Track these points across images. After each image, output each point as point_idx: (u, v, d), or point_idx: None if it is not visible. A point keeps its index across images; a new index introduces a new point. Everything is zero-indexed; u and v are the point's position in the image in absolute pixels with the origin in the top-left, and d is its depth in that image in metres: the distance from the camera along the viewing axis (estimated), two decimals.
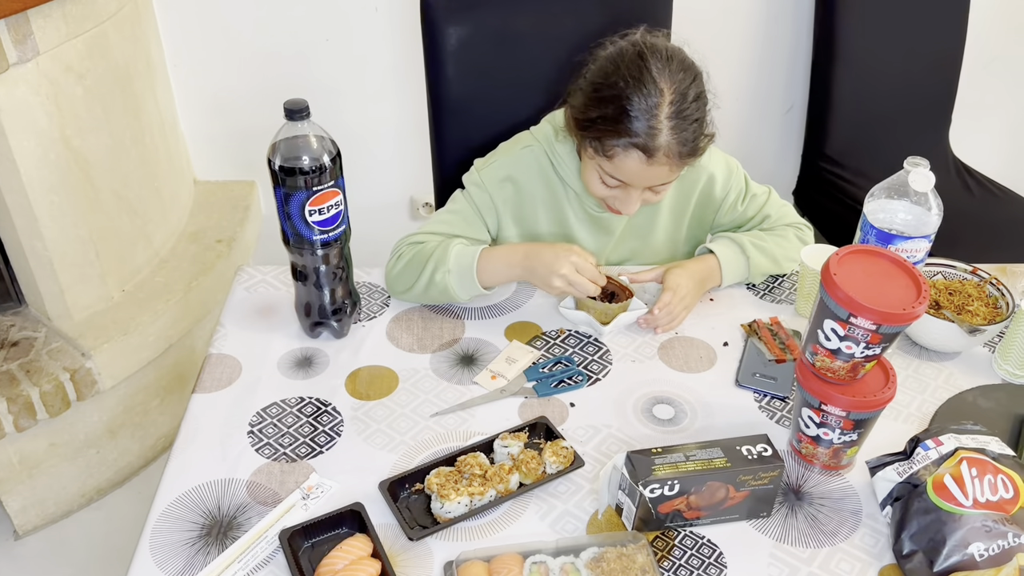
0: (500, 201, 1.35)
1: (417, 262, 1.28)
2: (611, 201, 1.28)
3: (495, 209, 1.36)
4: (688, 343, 1.27)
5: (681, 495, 0.96)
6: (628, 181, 1.22)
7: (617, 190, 1.25)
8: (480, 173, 1.36)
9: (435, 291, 1.27)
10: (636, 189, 1.24)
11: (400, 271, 1.30)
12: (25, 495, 1.86)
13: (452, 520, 0.99)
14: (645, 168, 1.18)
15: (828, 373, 1.00)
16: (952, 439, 1.00)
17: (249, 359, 1.22)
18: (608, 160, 1.20)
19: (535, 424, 1.11)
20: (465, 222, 1.35)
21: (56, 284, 1.81)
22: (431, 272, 1.26)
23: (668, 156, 1.17)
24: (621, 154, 1.18)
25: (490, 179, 1.35)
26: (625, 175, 1.21)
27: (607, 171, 1.23)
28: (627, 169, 1.20)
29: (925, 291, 0.94)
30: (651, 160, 1.17)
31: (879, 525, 1.01)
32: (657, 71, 1.16)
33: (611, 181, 1.24)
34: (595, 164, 1.24)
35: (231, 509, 1.01)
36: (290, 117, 1.09)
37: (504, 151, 1.38)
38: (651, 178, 1.22)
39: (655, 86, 1.15)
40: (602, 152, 1.20)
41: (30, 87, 1.60)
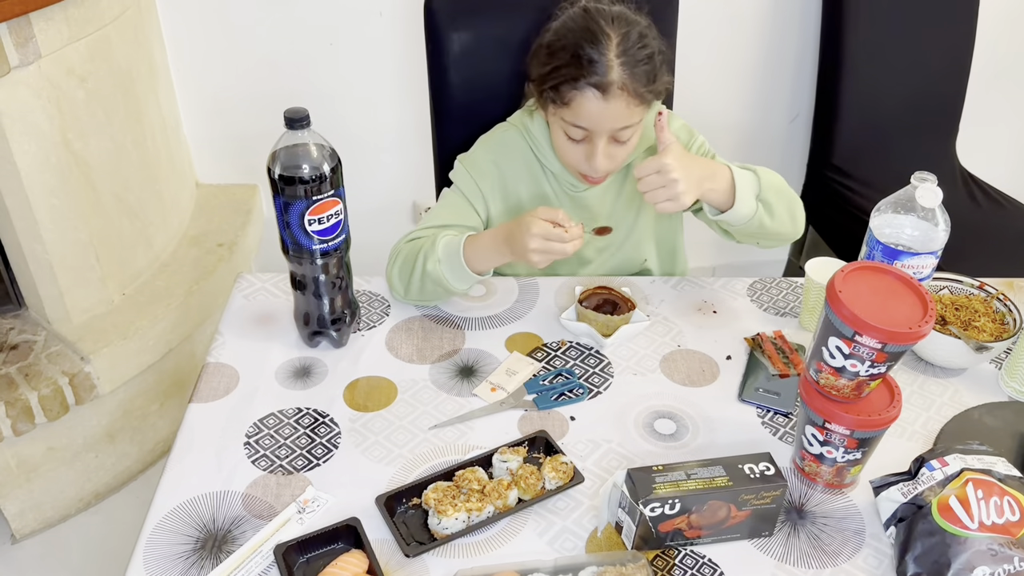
0: (485, 185, 1.39)
1: (410, 258, 1.29)
2: (581, 165, 1.31)
3: (481, 194, 1.39)
4: (690, 356, 1.25)
5: (682, 514, 0.95)
6: (589, 126, 1.25)
7: (583, 145, 1.28)
8: (463, 163, 1.41)
9: (430, 284, 1.27)
10: (600, 138, 1.26)
11: (397, 270, 1.31)
12: (23, 499, 1.85)
13: (449, 536, 0.97)
14: (603, 106, 1.22)
15: (832, 391, 0.99)
16: (958, 459, 0.98)
17: (247, 368, 1.20)
18: (567, 108, 1.25)
19: (534, 438, 1.09)
20: (456, 212, 1.38)
21: (56, 287, 1.80)
22: (423, 264, 1.26)
23: (623, 90, 1.22)
24: (578, 97, 1.23)
25: (473, 166, 1.40)
26: (585, 119, 1.24)
27: (568, 120, 1.26)
28: (586, 111, 1.24)
29: (932, 310, 0.93)
30: (606, 96, 1.22)
31: (882, 546, 1.00)
32: (604, 21, 1.24)
33: (575, 132, 1.27)
34: (558, 121, 1.29)
35: (226, 522, 1.00)
36: (290, 126, 1.07)
37: (483, 140, 1.44)
38: (610, 117, 1.24)
39: (602, 32, 1.23)
40: (560, 101, 1.25)
41: (31, 90, 1.60)
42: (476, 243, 1.26)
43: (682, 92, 2.06)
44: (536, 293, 1.36)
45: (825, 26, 2.09)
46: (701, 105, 2.27)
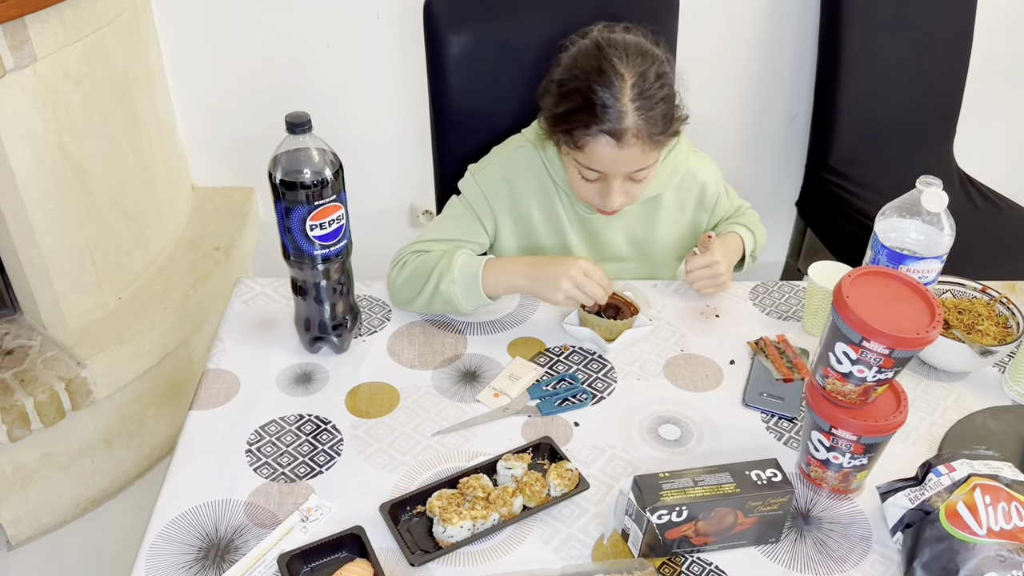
0: (495, 202, 1.37)
1: (421, 272, 1.28)
2: (595, 200, 1.30)
3: (491, 210, 1.37)
4: (694, 360, 1.25)
5: (689, 521, 0.94)
6: (603, 170, 1.24)
7: (598, 184, 1.27)
8: (475, 176, 1.38)
9: (439, 301, 1.27)
10: (615, 179, 1.25)
11: (404, 281, 1.30)
12: (18, 505, 1.83)
13: (454, 545, 0.97)
14: (617, 153, 1.21)
15: (839, 396, 0.98)
16: (965, 465, 0.98)
17: (247, 375, 1.19)
18: (581, 152, 1.23)
19: (539, 444, 1.09)
20: (463, 226, 1.37)
21: (51, 292, 1.79)
22: (436, 282, 1.26)
23: (638, 138, 1.20)
24: (591, 143, 1.21)
25: (484, 181, 1.37)
26: (599, 163, 1.23)
27: (582, 163, 1.25)
28: (600, 157, 1.22)
29: (939, 315, 0.93)
30: (621, 143, 1.20)
31: (889, 551, 1.00)
32: (616, 60, 1.19)
33: (589, 174, 1.26)
34: (571, 161, 1.27)
35: (229, 531, 0.99)
36: (291, 130, 1.06)
37: (497, 153, 1.41)
38: (625, 163, 1.23)
39: (615, 73, 1.19)
40: (574, 145, 1.23)
41: (27, 93, 1.58)
42: (496, 269, 1.26)
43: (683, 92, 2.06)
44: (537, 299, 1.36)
45: (823, 28, 2.08)
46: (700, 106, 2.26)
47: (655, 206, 1.42)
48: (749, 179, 2.41)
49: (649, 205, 1.41)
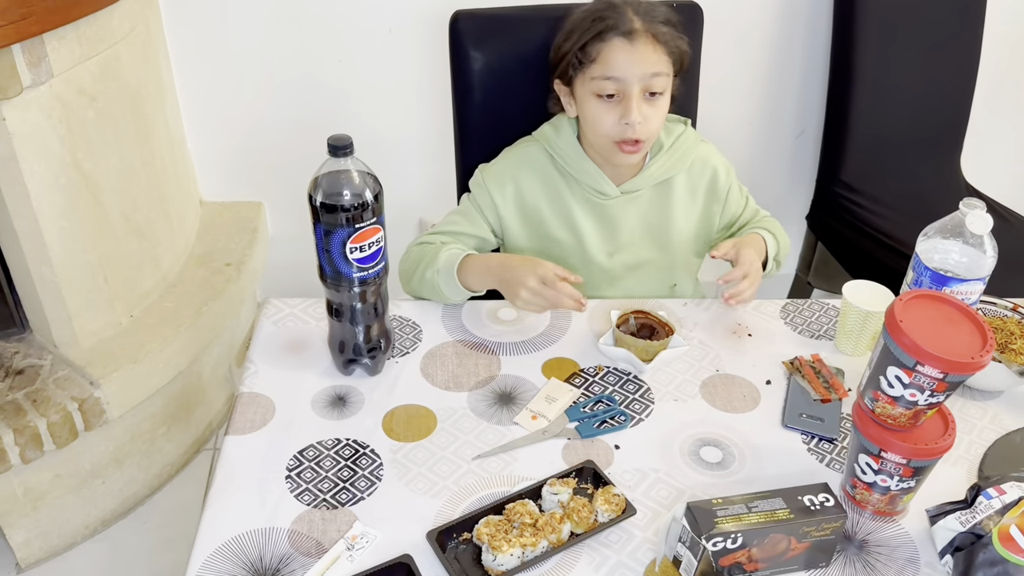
0: (501, 201, 1.43)
1: (417, 260, 1.37)
2: (616, 129, 1.33)
3: (495, 208, 1.43)
4: (730, 381, 1.24)
5: (743, 548, 0.93)
6: (620, 74, 1.30)
7: (618, 106, 1.32)
8: (483, 174, 1.45)
9: (427, 288, 1.35)
10: (633, 88, 1.30)
11: (405, 267, 1.40)
12: (28, 527, 1.81)
13: (505, 573, 0.96)
14: (630, 50, 1.30)
15: (888, 420, 0.98)
16: (1015, 488, 0.98)
17: (282, 398, 1.18)
18: (596, 64, 1.31)
19: (582, 468, 1.08)
20: (467, 220, 1.44)
21: (64, 310, 1.76)
22: (423, 270, 1.35)
23: (647, 33, 1.30)
24: (605, 48, 1.30)
25: (491, 179, 1.44)
26: (616, 68, 1.30)
27: (599, 75, 1.31)
28: (615, 60, 1.30)
29: (991, 339, 0.93)
30: (632, 41, 1.29)
31: (937, 574, 0.99)
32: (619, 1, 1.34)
33: (607, 86, 1.31)
34: (588, 85, 1.33)
35: (274, 560, 0.97)
36: (333, 153, 1.05)
37: (505, 154, 1.48)
38: (639, 62, 1.30)
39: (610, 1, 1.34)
40: (588, 60, 1.32)
41: (43, 110, 1.56)
42: (472, 264, 1.32)
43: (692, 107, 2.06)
44: (569, 317, 1.35)
45: (836, 46, 2.09)
46: (709, 119, 2.27)
47: (667, 190, 1.45)
48: (759, 193, 2.39)
49: (661, 189, 1.45)
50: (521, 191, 1.44)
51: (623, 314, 1.28)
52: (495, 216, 1.45)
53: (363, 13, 2.03)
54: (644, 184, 1.44)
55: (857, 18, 2.02)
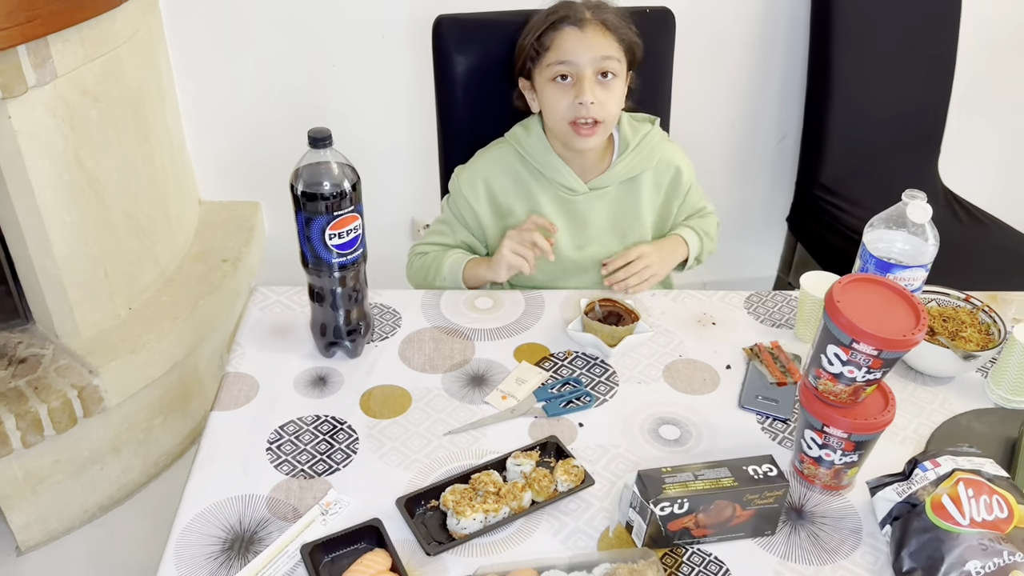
0: (475, 202, 1.53)
1: (422, 271, 1.54)
2: (572, 111, 1.41)
3: (473, 210, 1.54)
4: (692, 365, 1.31)
5: (690, 513, 1.00)
6: (572, 57, 1.40)
7: (572, 89, 1.41)
8: (458, 178, 1.55)
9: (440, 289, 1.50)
10: (585, 70, 1.40)
11: (412, 277, 1.58)
12: (28, 511, 1.87)
13: (467, 536, 1.02)
14: (580, 36, 1.41)
15: (830, 396, 1.04)
16: (949, 461, 1.04)
17: (265, 378, 1.25)
18: (550, 51, 1.42)
19: (546, 443, 1.14)
20: (451, 229, 1.57)
21: (65, 302, 1.83)
22: (432, 280, 1.52)
23: (597, 23, 1.41)
24: (557, 36, 1.41)
25: (465, 182, 1.54)
26: (568, 52, 1.40)
27: (554, 61, 1.41)
28: (567, 46, 1.40)
29: (924, 318, 0.99)
30: (582, 27, 1.41)
31: (879, 543, 1.05)
32: None
33: (561, 69, 1.41)
34: (545, 75, 1.43)
35: (252, 524, 1.04)
36: (313, 144, 1.12)
37: (478, 155, 1.57)
38: (589, 46, 1.40)
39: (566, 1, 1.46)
40: (543, 49, 1.43)
41: (47, 109, 1.64)
42: (469, 269, 1.49)
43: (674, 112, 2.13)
44: (542, 305, 1.42)
45: (813, 51, 2.16)
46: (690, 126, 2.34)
47: (635, 187, 1.53)
48: (741, 196, 2.48)
49: (629, 186, 1.53)
50: (492, 190, 1.52)
51: (591, 302, 1.34)
52: (473, 217, 1.54)
53: (355, 20, 2.11)
54: (611, 181, 1.51)
55: (834, 24, 2.09)
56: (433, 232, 1.59)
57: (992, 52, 2.37)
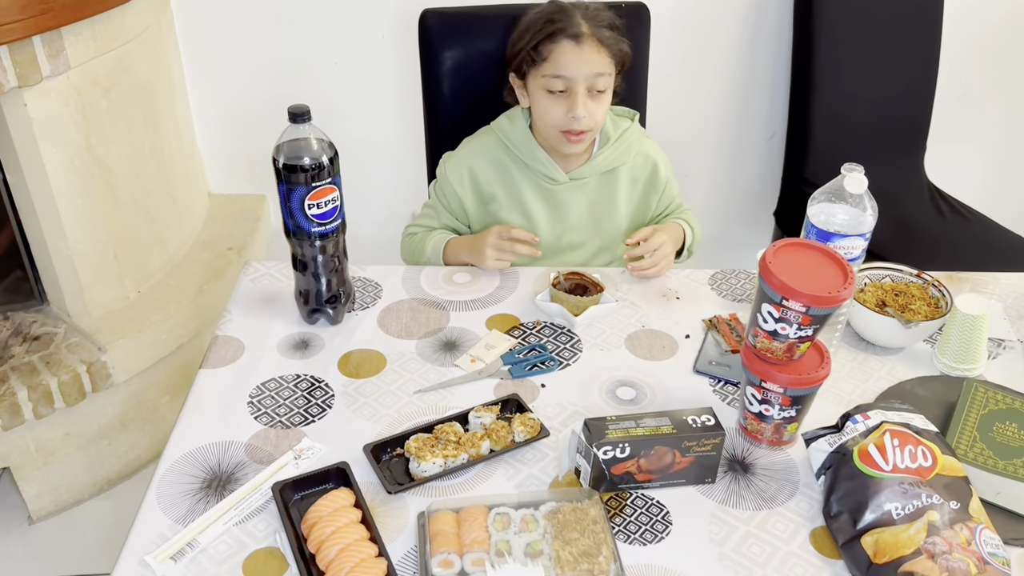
0: (460, 188, 1.62)
1: (411, 250, 1.65)
2: (564, 121, 1.49)
3: (457, 196, 1.63)
4: (653, 335, 1.38)
5: (632, 458, 1.07)
6: (568, 73, 1.46)
7: (565, 101, 1.48)
8: (444, 165, 1.64)
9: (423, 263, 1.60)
10: (579, 85, 1.46)
11: (404, 255, 1.68)
12: (40, 481, 1.98)
13: (427, 478, 1.10)
14: (577, 52, 1.46)
15: (768, 353, 1.11)
16: (879, 414, 1.11)
17: (251, 341, 1.34)
18: (547, 62, 1.47)
19: (507, 400, 1.22)
20: (436, 213, 1.67)
21: (76, 283, 1.94)
22: (418, 257, 1.62)
23: (592, 37, 1.46)
24: (555, 49, 1.46)
25: (451, 169, 1.62)
26: (564, 67, 1.46)
27: (549, 73, 1.47)
28: (564, 60, 1.46)
29: (851, 276, 1.06)
30: (579, 43, 1.46)
31: (814, 493, 1.12)
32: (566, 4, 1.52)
33: (556, 84, 1.47)
34: (539, 82, 1.49)
35: (230, 466, 1.13)
36: (293, 120, 1.22)
37: (464, 144, 1.66)
38: (585, 63, 1.46)
39: (566, 6, 1.51)
40: (540, 59, 1.48)
41: (60, 98, 1.75)
42: (450, 248, 1.58)
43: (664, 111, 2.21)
44: (516, 280, 1.50)
45: (796, 48, 2.23)
46: (683, 124, 2.42)
47: (613, 179, 1.61)
48: (731, 191, 2.55)
49: (608, 178, 1.61)
50: (476, 178, 1.61)
51: (558, 274, 1.42)
52: (457, 203, 1.63)
53: (356, 19, 2.21)
54: (591, 172, 1.59)
55: (815, 21, 2.16)
56: (422, 215, 1.69)
57: (976, 48, 2.42)
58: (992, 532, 1.00)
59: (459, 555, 0.99)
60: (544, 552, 0.99)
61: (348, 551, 0.98)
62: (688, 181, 2.50)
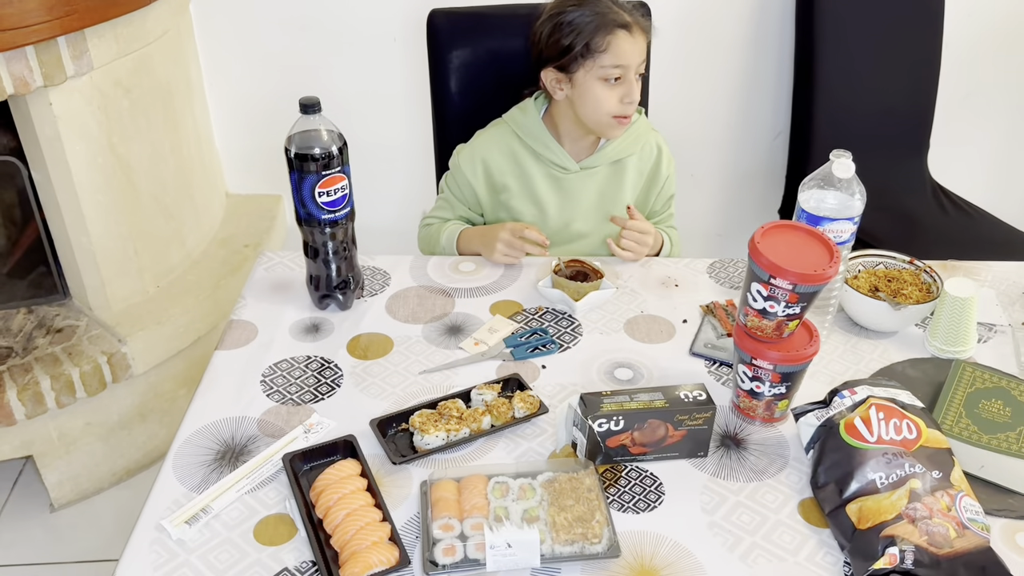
0: (473, 178, 1.67)
1: (427, 240, 1.71)
2: (618, 108, 1.54)
3: (471, 186, 1.68)
4: (651, 320, 1.43)
5: (626, 431, 1.11)
6: (625, 61, 1.52)
7: (620, 88, 1.54)
8: (458, 156, 1.69)
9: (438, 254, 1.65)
10: (632, 72, 1.54)
11: (422, 246, 1.74)
12: (62, 470, 2.04)
13: (430, 451, 1.15)
14: (632, 41, 1.52)
15: (758, 332, 1.16)
16: (866, 389, 1.14)
17: (264, 324, 1.39)
18: (606, 53, 1.52)
19: (508, 379, 1.27)
20: (450, 205, 1.73)
21: (98, 277, 2.01)
22: (434, 247, 1.68)
23: (639, 27, 1.54)
24: (613, 40, 1.51)
25: (464, 161, 1.67)
26: (623, 56, 1.52)
27: (608, 63, 1.52)
28: (622, 49, 1.52)
29: (836, 255, 1.10)
30: (632, 33, 1.52)
31: (803, 467, 1.16)
32: None
33: (613, 72, 1.52)
34: (595, 75, 1.53)
35: (243, 439, 1.18)
36: (304, 111, 1.28)
37: (477, 135, 1.70)
38: (638, 51, 1.53)
39: None
40: (598, 51, 1.52)
41: (83, 98, 1.82)
42: (463, 238, 1.64)
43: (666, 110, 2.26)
44: (519, 268, 1.55)
45: (798, 48, 2.28)
46: (686, 123, 2.47)
47: (621, 169, 1.66)
48: (737, 190, 2.60)
49: (616, 168, 1.66)
50: (489, 168, 1.66)
51: (559, 261, 1.47)
52: (471, 192, 1.68)
53: (369, 22, 2.28)
54: (601, 162, 1.64)
55: (816, 20, 2.20)
56: (436, 207, 1.75)
57: (979, 49, 2.45)
58: (973, 500, 1.04)
59: (459, 520, 1.03)
60: (540, 518, 1.04)
61: (354, 515, 1.03)
62: (693, 180, 2.55)
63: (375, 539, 1.01)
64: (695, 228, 2.63)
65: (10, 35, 1.59)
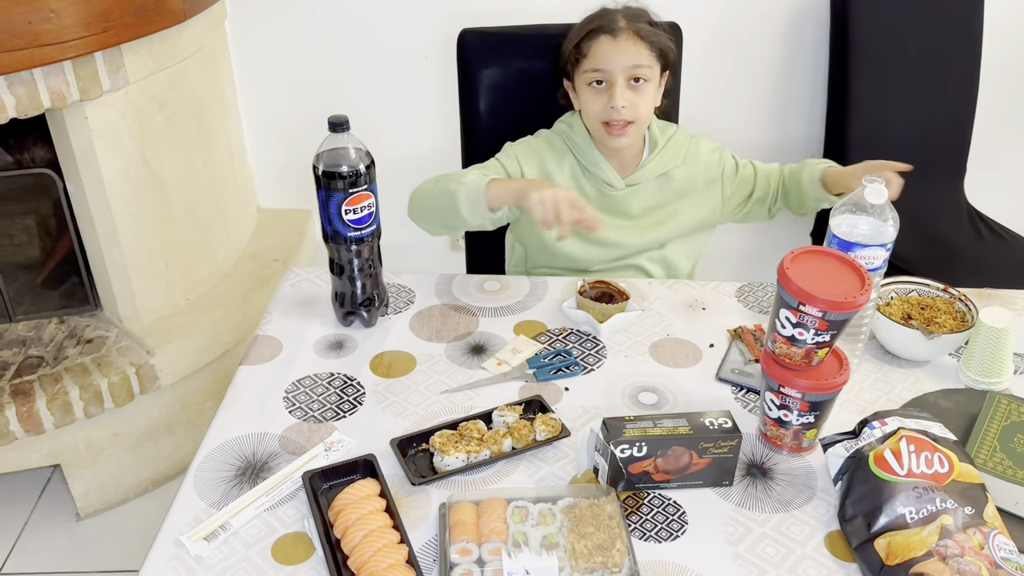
0: (527, 166, 1.61)
1: (438, 178, 1.52)
2: (605, 112, 1.53)
3: (520, 169, 1.60)
4: (677, 344, 1.41)
5: (649, 457, 1.10)
6: (604, 66, 1.52)
7: (606, 94, 1.53)
8: (513, 148, 1.64)
9: (444, 200, 1.46)
10: (616, 78, 1.51)
11: (421, 185, 1.54)
12: (88, 479, 2.06)
13: (449, 472, 1.14)
14: (613, 44, 1.52)
15: (786, 359, 1.13)
16: (897, 421, 1.12)
17: (289, 340, 1.40)
18: (587, 58, 1.53)
19: (531, 401, 1.26)
20: (488, 170, 1.59)
21: (128, 288, 2.03)
22: (445, 182, 1.48)
23: (629, 31, 1.52)
24: (594, 45, 1.53)
25: (521, 152, 1.63)
26: (602, 59, 1.52)
27: (590, 68, 1.53)
28: (601, 53, 1.52)
29: (868, 283, 1.08)
30: (616, 37, 1.52)
31: (831, 498, 1.13)
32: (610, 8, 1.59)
33: (594, 76, 1.53)
34: (583, 79, 1.55)
35: (264, 456, 1.18)
36: (333, 129, 1.28)
37: (531, 137, 1.67)
38: (621, 55, 1.51)
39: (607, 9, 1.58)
40: (582, 56, 1.54)
41: (119, 112, 1.85)
42: (495, 182, 1.45)
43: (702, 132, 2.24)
44: (545, 289, 1.54)
45: (832, 71, 2.25)
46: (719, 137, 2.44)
47: (666, 181, 1.64)
48: None
49: (662, 182, 1.64)
50: (547, 170, 1.61)
51: (584, 282, 1.46)
52: (519, 175, 1.59)
53: (401, 41, 2.29)
54: (645, 177, 1.62)
55: (852, 43, 2.18)
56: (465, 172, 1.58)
57: (1018, 71, 2.41)
58: (1007, 538, 1.00)
59: (477, 544, 1.02)
60: (560, 544, 1.02)
61: (372, 536, 1.02)
62: None
63: (392, 561, 1.00)
64: (724, 250, 2.61)
65: (48, 50, 1.62)
